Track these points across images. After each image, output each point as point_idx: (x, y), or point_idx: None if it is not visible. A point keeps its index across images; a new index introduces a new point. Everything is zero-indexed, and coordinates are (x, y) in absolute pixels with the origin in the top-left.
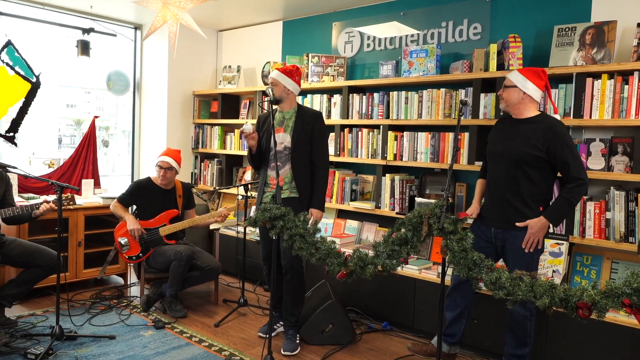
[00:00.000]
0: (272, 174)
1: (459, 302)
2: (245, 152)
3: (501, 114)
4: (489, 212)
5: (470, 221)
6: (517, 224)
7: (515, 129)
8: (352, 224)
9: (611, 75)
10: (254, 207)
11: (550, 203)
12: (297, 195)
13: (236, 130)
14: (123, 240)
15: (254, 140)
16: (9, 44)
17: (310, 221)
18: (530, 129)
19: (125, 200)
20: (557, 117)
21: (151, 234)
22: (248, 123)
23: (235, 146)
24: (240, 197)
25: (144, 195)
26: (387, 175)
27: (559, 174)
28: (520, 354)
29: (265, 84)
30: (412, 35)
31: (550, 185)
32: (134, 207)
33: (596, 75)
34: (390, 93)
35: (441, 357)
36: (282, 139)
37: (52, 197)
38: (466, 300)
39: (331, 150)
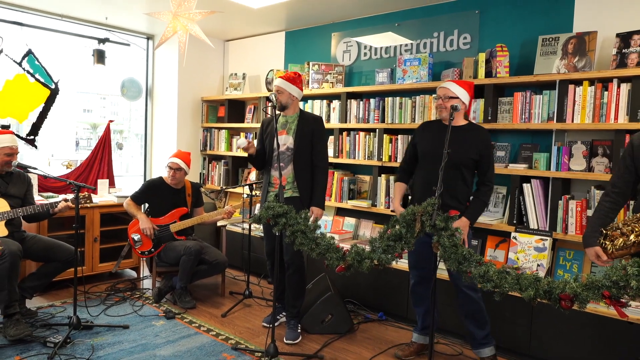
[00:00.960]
0: (275, 174)
1: (425, 295)
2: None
3: (437, 118)
4: None
5: None
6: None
7: (453, 135)
8: (350, 221)
9: (592, 82)
10: (258, 205)
11: (469, 204)
12: (298, 194)
13: (242, 133)
14: (136, 237)
15: (252, 149)
16: (29, 53)
17: (311, 219)
18: (469, 136)
19: (138, 198)
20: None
21: (162, 230)
22: (241, 138)
23: (241, 149)
24: (245, 195)
25: (156, 194)
26: (383, 175)
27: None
28: (486, 333)
29: (269, 90)
30: (406, 45)
31: (472, 185)
32: (146, 205)
33: (578, 82)
34: (386, 99)
35: (433, 348)
36: (285, 140)
37: (69, 196)
38: (429, 293)
39: (330, 152)
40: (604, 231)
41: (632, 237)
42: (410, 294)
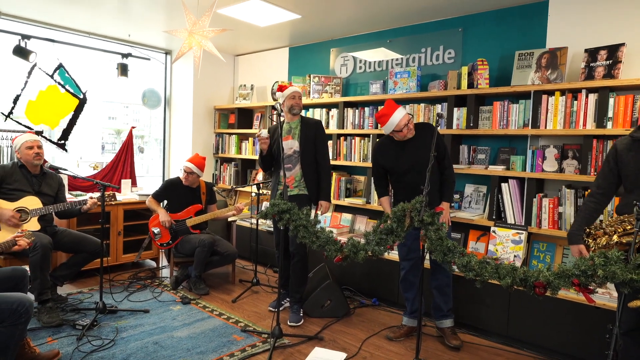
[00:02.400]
0: (282, 174)
1: (415, 283)
2: (256, 157)
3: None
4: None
5: None
6: (436, 209)
7: (409, 146)
8: (347, 216)
9: (563, 92)
10: (265, 203)
11: (443, 189)
12: (306, 192)
13: (250, 139)
14: (156, 230)
15: (265, 145)
16: (60, 66)
17: (322, 210)
18: (421, 141)
19: (158, 196)
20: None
21: (179, 224)
22: (264, 130)
23: (249, 152)
24: (253, 194)
25: (174, 192)
26: None
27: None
28: (450, 307)
29: (274, 100)
30: (397, 59)
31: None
32: (165, 202)
33: (550, 93)
34: (379, 107)
35: (421, 330)
36: (291, 144)
37: (96, 195)
38: (417, 281)
39: (330, 154)
40: (588, 230)
41: (614, 237)
42: (400, 282)
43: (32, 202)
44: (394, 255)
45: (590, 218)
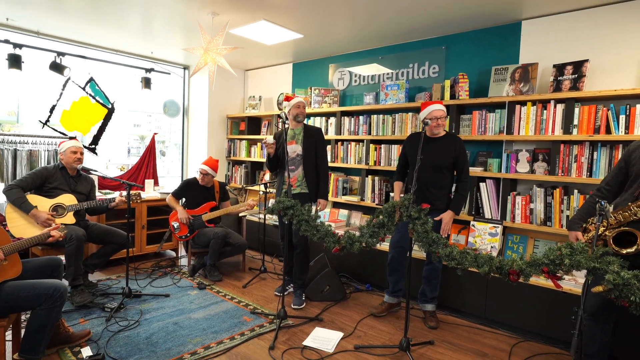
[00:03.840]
0: (286, 175)
1: (398, 268)
2: (264, 159)
3: (421, 130)
4: (419, 202)
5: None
6: (435, 218)
7: (434, 146)
8: (343, 212)
9: (534, 103)
10: (271, 200)
11: (452, 198)
12: (307, 191)
13: (258, 144)
14: (175, 224)
15: (272, 149)
16: (91, 80)
17: (320, 207)
18: (443, 146)
19: (177, 194)
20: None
21: (196, 219)
22: (270, 137)
23: (258, 155)
24: (261, 192)
25: (191, 191)
26: (369, 176)
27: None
28: (434, 295)
29: (280, 109)
30: (388, 74)
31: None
32: (184, 199)
33: (523, 103)
34: (372, 116)
35: (409, 312)
36: (295, 148)
37: (123, 193)
38: (402, 266)
39: (328, 158)
40: (585, 225)
41: (606, 231)
42: (387, 266)
43: (68, 199)
44: (385, 246)
45: (591, 210)
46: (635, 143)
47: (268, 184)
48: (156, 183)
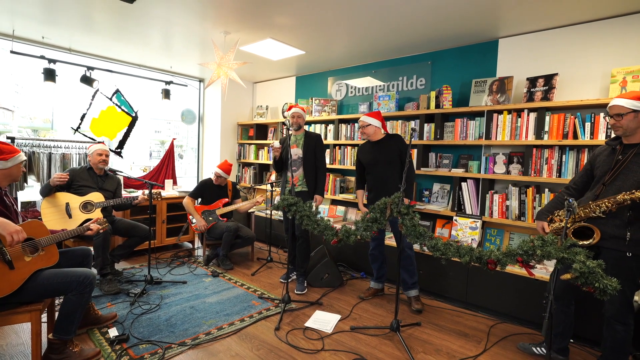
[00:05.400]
0: (289, 175)
1: (378, 256)
2: (270, 162)
3: (363, 139)
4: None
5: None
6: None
7: (380, 146)
8: (341, 208)
9: (509, 111)
10: (277, 197)
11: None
12: (307, 189)
13: (265, 148)
14: (194, 220)
15: (277, 153)
16: (117, 91)
17: (317, 203)
18: (387, 145)
19: (194, 194)
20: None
21: (211, 214)
22: (276, 142)
23: (265, 158)
24: (268, 191)
25: (207, 190)
26: None
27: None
28: (414, 281)
29: (284, 117)
30: (380, 86)
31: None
32: (199, 199)
33: (499, 112)
34: None
35: (399, 299)
36: (297, 152)
37: (146, 191)
38: (382, 255)
39: (327, 160)
40: (551, 216)
41: (563, 223)
42: (369, 256)
43: (96, 197)
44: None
45: (558, 204)
46: (600, 148)
47: (274, 184)
48: (175, 183)
